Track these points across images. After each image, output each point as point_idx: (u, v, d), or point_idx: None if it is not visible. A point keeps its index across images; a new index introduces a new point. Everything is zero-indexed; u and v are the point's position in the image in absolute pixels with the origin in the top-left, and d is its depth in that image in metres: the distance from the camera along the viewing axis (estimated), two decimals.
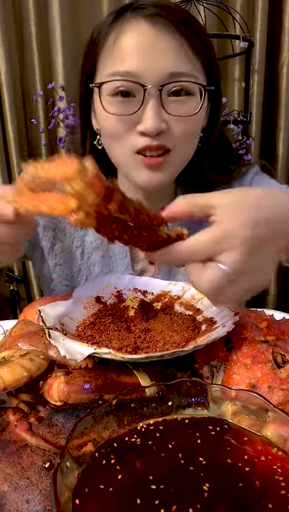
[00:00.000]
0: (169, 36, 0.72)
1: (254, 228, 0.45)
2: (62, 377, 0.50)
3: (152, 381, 0.52)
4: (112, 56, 0.74)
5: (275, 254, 0.49)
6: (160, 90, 0.71)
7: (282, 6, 1.81)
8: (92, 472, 0.38)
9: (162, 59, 0.72)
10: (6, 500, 0.41)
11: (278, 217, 0.48)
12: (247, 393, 0.45)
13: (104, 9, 1.82)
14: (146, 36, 0.72)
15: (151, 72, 0.71)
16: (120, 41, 0.73)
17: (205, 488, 0.35)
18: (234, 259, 0.45)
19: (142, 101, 0.72)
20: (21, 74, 1.87)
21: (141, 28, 0.72)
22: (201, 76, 0.76)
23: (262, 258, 0.47)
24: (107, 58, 0.75)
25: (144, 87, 0.71)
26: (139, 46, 0.72)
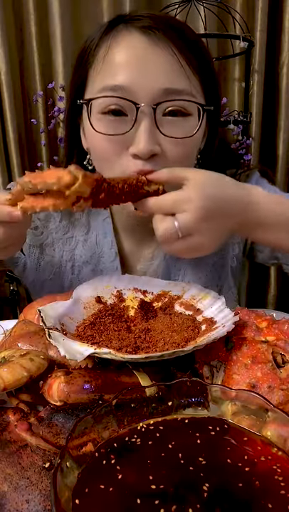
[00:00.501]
0: (164, 50, 0.66)
1: (206, 201, 0.56)
2: (62, 377, 0.50)
3: (152, 381, 0.52)
4: (103, 70, 0.69)
5: (223, 231, 0.61)
6: (154, 109, 0.66)
7: (282, 6, 1.81)
8: (92, 472, 0.38)
9: (157, 74, 0.66)
10: (6, 500, 0.41)
11: (228, 199, 0.59)
12: (247, 393, 0.45)
13: (104, 9, 1.82)
14: (139, 49, 0.66)
15: (145, 87, 0.65)
16: (111, 54, 0.68)
17: (205, 488, 0.35)
18: (185, 219, 0.56)
19: (134, 120, 0.66)
20: (21, 74, 1.87)
21: (134, 39, 0.67)
22: (199, 94, 0.71)
23: (209, 228, 0.58)
24: (97, 72, 0.70)
25: (136, 106, 0.65)
26: (132, 59, 0.66)
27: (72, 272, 0.88)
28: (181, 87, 0.67)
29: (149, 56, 0.66)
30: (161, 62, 0.66)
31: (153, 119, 0.66)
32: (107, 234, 0.87)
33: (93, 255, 0.88)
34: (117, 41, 0.68)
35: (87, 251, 0.88)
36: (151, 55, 0.66)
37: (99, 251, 0.87)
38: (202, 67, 0.71)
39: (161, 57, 0.66)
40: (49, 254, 0.88)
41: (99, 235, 0.87)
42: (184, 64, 0.67)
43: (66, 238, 0.88)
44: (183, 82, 0.68)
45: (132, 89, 0.66)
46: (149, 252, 0.88)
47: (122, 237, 0.88)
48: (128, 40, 0.67)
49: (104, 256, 0.87)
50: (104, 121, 0.69)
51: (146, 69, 0.66)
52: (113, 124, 0.68)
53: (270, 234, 0.64)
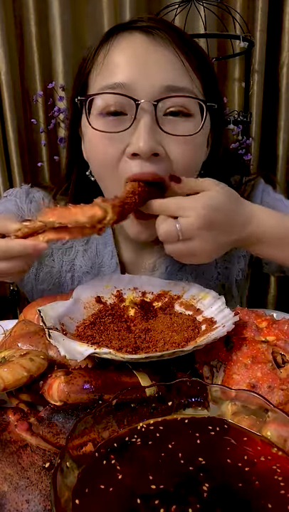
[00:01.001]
0: (166, 48, 0.65)
1: (209, 211, 0.59)
2: (62, 377, 0.50)
3: (152, 381, 0.52)
4: (102, 71, 0.67)
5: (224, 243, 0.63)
6: (155, 106, 0.63)
7: (282, 6, 1.81)
8: (92, 472, 0.38)
9: (158, 71, 0.64)
10: (6, 500, 0.41)
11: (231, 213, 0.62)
12: (247, 393, 0.45)
13: (104, 9, 1.82)
14: (140, 47, 0.65)
15: (145, 84, 0.64)
16: (111, 54, 0.67)
17: (205, 488, 0.35)
18: (187, 223, 0.58)
19: (133, 117, 0.63)
20: (21, 74, 1.87)
21: (135, 39, 0.66)
22: (200, 94, 0.69)
23: (210, 236, 0.60)
24: (96, 74, 0.69)
25: (136, 102, 0.63)
26: (132, 57, 0.65)
27: (72, 282, 0.87)
28: (182, 85, 0.66)
29: (150, 54, 0.65)
30: (163, 60, 0.65)
31: (154, 116, 0.64)
32: (107, 244, 0.85)
33: (93, 265, 0.86)
34: (118, 42, 0.67)
35: (87, 261, 0.86)
36: (153, 53, 0.65)
37: (99, 261, 0.86)
38: (202, 68, 0.70)
39: (162, 55, 0.65)
40: (48, 264, 0.87)
41: (99, 245, 0.86)
42: (186, 63, 0.66)
43: (65, 248, 0.87)
44: (185, 80, 0.66)
45: (132, 86, 0.64)
46: (151, 263, 0.87)
47: (123, 247, 0.87)
48: (129, 40, 0.67)
49: (105, 266, 0.86)
50: (103, 120, 0.67)
51: (147, 66, 0.64)
52: (112, 123, 0.66)
53: (273, 250, 0.66)
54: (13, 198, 0.86)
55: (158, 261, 0.87)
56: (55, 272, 0.87)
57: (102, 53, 0.69)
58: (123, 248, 0.87)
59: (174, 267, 0.86)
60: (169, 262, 0.86)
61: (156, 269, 0.87)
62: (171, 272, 0.86)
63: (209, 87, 0.71)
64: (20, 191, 0.87)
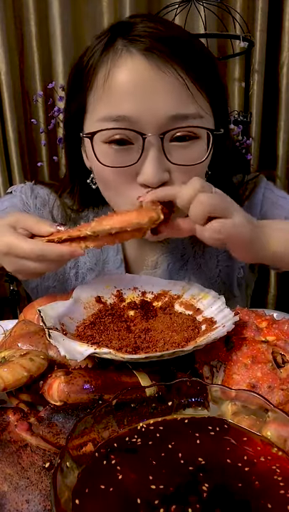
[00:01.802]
0: (169, 74, 0.62)
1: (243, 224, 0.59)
2: (62, 377, 0.50)
3: (152, 381, 0.52)
4: (104, 97, 0.65)
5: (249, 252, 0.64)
6: (162, 138, 0.63)
7: (282, 6, 1.81)
8: (92, 472, 0.38)
9: (162, 101, 0.62)
10: (6, 500, 0.41)
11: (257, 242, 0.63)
12: (247, 393, 0.45)
13: (104, 9, 1.82)
14: (142, 75, 0.62)
15: (151, 116, 0.62)
16: (112, 80, 0.64)
17: (204, 488, 0.35)
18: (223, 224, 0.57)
19: (141, 150, 0.63)
20: (21, 74, 1.87)
21: (136, 64, 0.63)
22: (207, 114, 0.67)
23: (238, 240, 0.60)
24: (97, 100, 0.66)
25: (143, 136, 0.63)
26: (135, 86, 0.62)
27: (76, 278, 0.87)
28: (188, 112, 0.64)
29: (153, 82, 0.62)
30: (167, 88, 0.62)
31: (161, 147, 0.64)
32: None
33: (98, 262, 0.86)
34: (117, 65, 0.64)
35: (92, 258, 0.87)
36: (156, 81, 0.62)
37: (104, 257, 0.86)
38: (209, 83, 0.67)
39: (166, 83, 0.62)
40: None
41: None
42: (191, 86, 0.64)
43: None
44: (190, 106, 0.64)
45: (137, 119, 0.62)
46: (153, 260, 0.87)
47: (127, 243, 0.87)
48: (130, 64, 0.63)
49: (110, 262, 0.86)
50: (109, 153, 0.66)
51: (151, 96, 0.62)
52: (119, 154, 0.65)
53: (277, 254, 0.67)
54: (19, 193, 0.86)
55: (160, 258, 0.87)
56: (60, 269, 0.87)
57: (102, 73, 0.65)
58: (127, 244, 0.87)
59: (176, 265, 0.87)
60: (170, 259, 0.87)
61: (158, 266, 0.87)
62: (172, 269, 0.87)
63: (216, 99, 0.70)
64: (25, 187, 0.87)
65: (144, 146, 0.63)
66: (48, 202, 0.86)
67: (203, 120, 0.66)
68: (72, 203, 0.85)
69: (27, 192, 0.86)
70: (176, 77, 0.63)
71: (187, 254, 0.87)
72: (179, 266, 0.87)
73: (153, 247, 0.87)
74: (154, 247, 0.87)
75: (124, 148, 0.65)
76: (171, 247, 0.87)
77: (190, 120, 0.64)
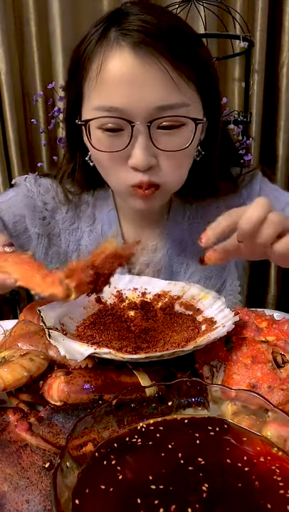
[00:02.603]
0: (155, 66, 0.67)
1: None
2: (62, 377, 0.50)
3: (152, 381, 0.52)
4: (97, 88, 0.70)
5: None
6: (149, 126, 0.68)
7: (282, 6, 1.81)
8: (92, 472, 0.38)
9: (149, 92, 0.67)
10: (6, 500, 0.41)
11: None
12: (247, 393, 0.45)
13: (104, 9, 1.82)
14: (130, 68, 0.67)
15: (138, 107, 0.67)
16: (104, 72, 0.69)
17: (204, 488, 0.35)
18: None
19: (130, 137, 0.69)
20: (21, 74, 1.87)
21: (125, 58, 0.67)
22: (195, 102, 0.72)
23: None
24: (91, 91, 0.72)
25: (131, 124, 0.68)
26: (124, 78, 0.68)
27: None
28: (173, 102, 0.69)
29: (140, 75, 0.67)
30: (153, 80, 0.67)
31: (148, 135, 0.69)
32: (112, 224, 0.90)
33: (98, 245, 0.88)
34: (109, 58, 0.69)
35: (93, 241, 0.91)
36: (143, 74, 0.67)
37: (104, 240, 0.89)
38: (199, 74, 0.71)
39: (152, 75, 0.67)
40: (56, 244, 0.92)
41: (104, 226, 0.91)
42: (176, 77, 0.68)
43: (72, 229, 0.92)
44: (175, 96, 0.69)
45: (127, 110, 0.68)
46: (153, 245, 0.92)
47: (125, 227, 0.92)
48: (119, 57, 0.68)
49: None
50: (103, 138, 0.72)
51: (139, 88, 0.67)
52: (112, 139, 0.71)
53: None
54: (23, 182, 0.91)
55: (160, 244, 0.92)
56: (62, 251, 0.92)
57: (95, 64, 0.70)
58: (125, 228, 0.92)
59: (175, 250, 0.91)
60: (169, 245, 0.91)
61: (157, 250, 0.92)
62: (171, 254, 0.91)
63: (206, 87, 0.74)
64: (29, 177, 0.92)
65: (132, 133, 0.69)
66: (50, 189, 0.91)
67: (189, 109, 0.70)
68: (72, 186, 0.90)
69: (31, 181, 0.91)
70: (162, 69, 0.67)
71: (185, 240, 0.91)
72: (178, 252, 0.91)
73: (152, 232, 0.92)
74: (152, 232, 0.92)
75: (116, 135, 0.71)
76: (170, 233, 0.91)
77: (175, 110, 0.69)
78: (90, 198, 0.92)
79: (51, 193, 0.91)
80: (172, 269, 0.92)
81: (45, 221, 0.90)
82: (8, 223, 0.87)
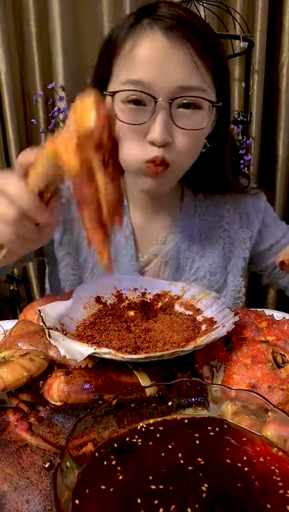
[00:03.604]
0: (181, 50, 0.74)
1: None
2: (62, 377, 0.50)
3: (152, 381, 0.52)
4: (127, 65, 0.77)
5: None
6: (170, 103, 0.74)
7: (282, 6, 1.81)
8: (92, 472, 0.38)
9: (174, 72, 0.74)
10: (6, 500, 0.41)
11: None
12: (247, 393, 0.45)
13: (104, 9, 1.82)
14: (160, 49, 0.74)
15: (163, 84, 0.74)
16: (135, 51, 0.76)
17: (204, 488, 0.35)
18: None
19: (152, 112, 0.75)
20: (21, 74, 1.87)
21: (156, 40, 0.75)
22: (210, 89, 0.78)
23: None
24: (121, 67, 0.78)
25: (155, 100, 0.74)
26: (153, 57, 0.74)
27: (88, 249, 0.95)
28: (194, 84, 0.75)
29: (168, 56, 0.74)
30: (178, 62, 0.74)
31: (168, 112, 0.75)
32: None
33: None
34: (141, 39, 0.75)
35: None
36: (170, 55, 0.74)
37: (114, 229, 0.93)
38: (215, 65, 0.78)
39: (177, 57, 0.74)
40: (69, 231, 0.95)
41: None
42: (199, 63, 0.75)
43: None
44: (196, 79, 0.75)
45: (152, 85, 0.74)
46: (163, 236, 0.95)
47: (135, 218, 0.95)
48: (151, 39, 0.75)
49: (119, 234, 0.94)
50: (126, 110, 0.76)
51: (165, 67, 0.74)
52: (134, 113, 0.76)
53: None
54: None
55: (170, 236, 0.94)
56: (75, 238, 0.95)
57: (128, 45, 0.77)
58: (134, 218, 0.95)
59: (183, 244, 0.94)
60: (178, 238, 0.94)
61: (167, 242, 0.95)
62: (180, 248, 0.94)
63: (220, 81, 0.81)
64: None
65: (155, 108, 0.74)
66: None
67: (206, 93, 0.77)
68: None
69: None
70: (187, 53, 0.74)
71: (194, 235, 0.95)
72: (186, 246, 0.94)
73: (161, 223, 0.95)
74: (163, 224, 0.95)
75: (139, 109, 0.76)
76: (180, 226, 0.95)
77: (194, 92, 0.75)
78: None
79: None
80: (179, 262, 0.94)
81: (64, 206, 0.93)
82: None
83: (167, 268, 0.94)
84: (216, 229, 0.96)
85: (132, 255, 0.92)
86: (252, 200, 1.00)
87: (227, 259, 0.97)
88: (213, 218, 0.96)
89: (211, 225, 0.96)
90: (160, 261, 0.95)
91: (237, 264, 0.98)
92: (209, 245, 0.96)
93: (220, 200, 0.97)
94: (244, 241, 0.98)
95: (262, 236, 1.02)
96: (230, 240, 0.97)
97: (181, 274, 0.95)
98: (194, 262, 0.95)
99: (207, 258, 0.95)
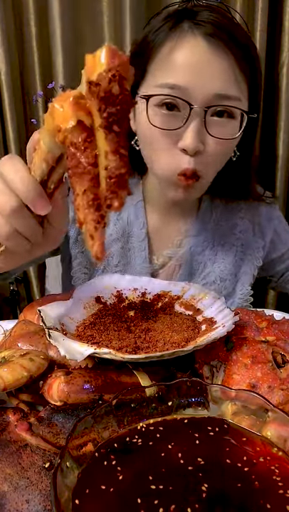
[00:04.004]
0: (222, 58, 0.72)
1: None
2: (62, 377, 0.50)
3: (152, 381, 0.52)
4: (164, 68, 0.74)
5: None
6: (205, 111, 0.73)
7: (282, 6, 1.81)
8: (92, 472, 0.38)
9: (212, 79, 0.72)
10: (6, 500, 0.41)
11: None
12: (247, 393, 0.45)
13: (104, 9, 1.82)
14: (201, 55, 0.72)
15: (200, 90, 0.72)
16: (175, 55, 0.73)
17: (204, 488, 0.35)
18: None
19: (186, 118, 0.73)
20: (21, 74, 1.87)
21: (197, 45, 0.73)
22: (245, 99, 0.77)
23: None
24: (158, 69, 0.76)
25: (190, 106, 0.72)
26: (193, 63, 0.72)
27: None
28: (231, 94, 0.74)
29: (208, 62, 0.72)
30: (218, 69, 0.72)
31: (203, 119, 0.73)
32: (138, 215, 0.93)
33: (124, 234, 0.94)
34: (181, 43, 0.73)
35: (119, 230, 0.93)
36: (210, 61, 0.72)
37: (129, 230, 0.94)
38: (252, 75, 0.77)
39: (218, 64, 0.72)
40: None
41: (130, 216, 0.94)
42: (237, 72, 0.74)
43: None
44: (234, 88, 0.74)
45: (189, 90, 0.72)
46: (179, 239, 0.95)
47: (151, 221, 0.95)
48: (192, 44, 0.73)
49: (134, 236, 0.93)
50: (159, 114, 0.75)
51: (204, 74, 0.72)
52: (167, 118, 0.74)
53: None
54: None
55: (185, 240, 0.95)
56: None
57: (166, 48, 0.74)
58: (150, 221, 0.95)
59: (197, 248, 0.95)
60: (193, 242, 0.94)
61: (182, 245, 0.95)
62: (194, 252, 0.94)
63: (254, 89, 0.80)
64: None
65: (190, 114, 0.72)
66: None
67: (241, 103, 0.76)
68: None
69: None
70: (227, 61, 0.73)
71: (208, 240, 0.95)
72: (200, 250, 0.95)
73: (178, 227, 0.95)
74: (179, 227, 0.95)
75: (172, 114, 0.74)
76: (196, 231, 0.95)
77: (230, 101, 0.74)
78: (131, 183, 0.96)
79: None
80: (192, 266, 0.95)
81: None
82: None
83: (180, 271, 0.94)
84: (229, 236, 0.96)
85: (146, 257, 0.92)
86: (266, 209, 1.00)
87: (238, 267, 0.97)
88: (227, 225, 0.96)
89: (225, 232, 0.96)
90: (174, 264, 0.95)
91: (247, 272, 0.98)
92: (222, 252, 0.96)
93: (234, 208, 0.97)
94: (257, 250, 0.99)
95: (274, 245, 1.02)
96: (242, 249, 0.97)
97: (191, 278, 0.94)
98: (206, 267, 0.95)
99: (218, 264, 0.95)
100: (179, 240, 0.95)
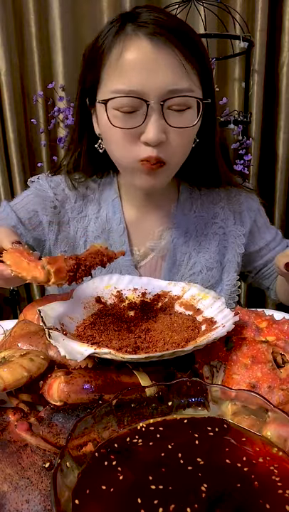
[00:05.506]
0: (168, 54, 0.76)
1: None
2: (62, 377, 0.50)
3: (152, 381, 0.52)
4: (116, 73, 0.78)
5: None
6: (162, 105, 0.77)
7: (282, 6, 1.81)
8: (92, 472, 0.38)
9: (163, 76, 0.76)
10: (6, 500, 0.41)
11: None
12: (247, 393, 0.45)
13: (103, 9, 1.82)
14: (147, 55, 0.76)
15: (153, 89, 0.76)
16: (123, 58, 0.77)
17: (203, 488, 0.35)
18: None
19: (145, 115, 0.77)
20: (21, 74, 1.87)
21: (142, 46, 0.76)
22: (197, 89, 0.81)
23: None
24: (110, 74, 0.79)
25: (147, 103, 0.76)
26: (141, 64, 0.76)
27: (85, 246, 1.00)
28: (182, 87, 0.77)
29: (155, 61, 0.76)
30: (166, 66, 0.76)
31: (160, 113, 0.77)
32: (116, 211, 0.98)
33: (104, 230, 0.98)
34: (128, 47, 0.77)
35: (98, 227, 0.98)
36: (158, 60, 0.76)
37: (109, 227, 0.98)
38: (200, 64, 0.80)
39: (166, 61, 0.76)
40: (65, 230, 0.99)
41: (109, 213, 0.98)
42: (185, 64, 0.77)
43: (80, 217, 1.00)
44: (184, 81, 0.78)
45: (143, 91, 0.76)
46: (159, 231, 0.98)
47: (128, 215, 0.98)
48: (137, 46, 0.76)
49: (113, 231, 0.98)
50: (119, 116, 0.79)
51: (154, 72, 0.76)
52: (127, 119, 0.79)
53: None
54: (36, 179, 1.01)
55: (165, 231, 0.98)
56: (71, 237, 0.99)
57: (114, 53, 0.78)
58: (127, 215, 0.99)
59: (179, 239, 0.98)
60: (175, 234, 0.98)
61: (162, 237, 0.98)
62: (176, 243, 0.98)
63: (205, 80, 0.83)
64: (41, 176, 1.02)
65: (147, 111, 0.77)
66: (60, 183, 1.00)
67: (194, 93, 0.80)
68: (78, 174, 0.99)
69: (42, 178, 1.01)
70: (174, 56, 0.76)
71: (190, 231, 0.99)
72: (183, 241, 0.98)
73: (156, 219, 0.99)
74: (157, 219, 0.99)
75: (131, 114, 0.78)
76: (176, 222, 0.98)
77: (184, 93, 0.78)
78: (95, 186, 1.00)
79: (61, 187, 0.99)
80: (176, 257, 0.97)
81: (56, 210, 0.98)
82: (24, 220, 0.96)
83: (164, 263, 0.98)
84: (211, 225, 1.00)
85: (126, 250, 0.95)
86: (246, 199, 1.03)
87: (222, 255, 1.01)
88: (208, 215, 1.00)
89: (206, 221, 1.00)
90: (157, 255, 0.98)
91: (231, 260, 1.01)
92: (205, 241, 0.99)
93: (215, 199, 1.01)
94: (238, 237, 1.02)
95: (253, 237, 1.05)
96: (225, 237, 1.01)
97: (178, 269, 0.98)
98: (191, 258, 0.98)
99: (203, 254, 0.99)
100: (159, 232, 0.98)
